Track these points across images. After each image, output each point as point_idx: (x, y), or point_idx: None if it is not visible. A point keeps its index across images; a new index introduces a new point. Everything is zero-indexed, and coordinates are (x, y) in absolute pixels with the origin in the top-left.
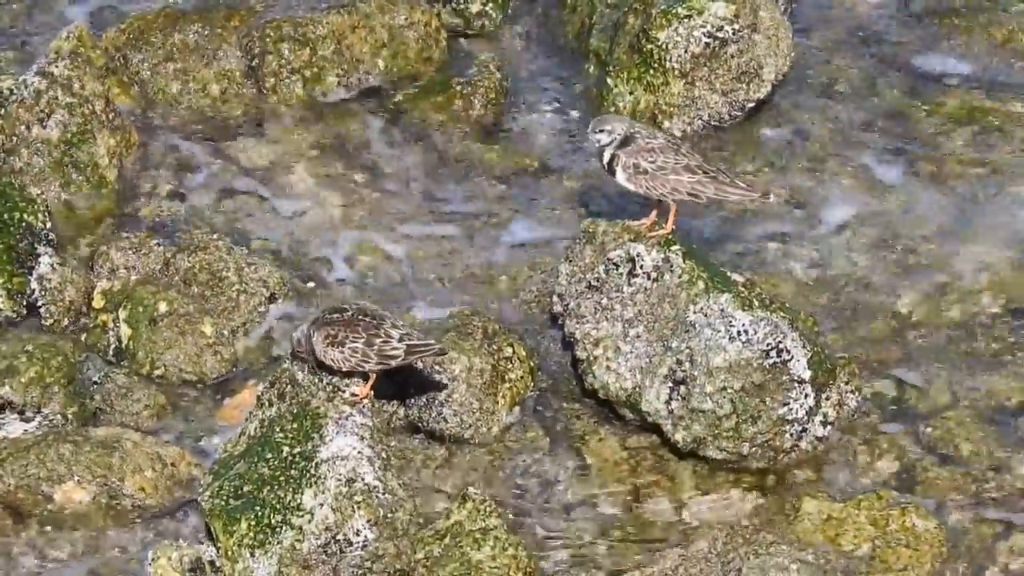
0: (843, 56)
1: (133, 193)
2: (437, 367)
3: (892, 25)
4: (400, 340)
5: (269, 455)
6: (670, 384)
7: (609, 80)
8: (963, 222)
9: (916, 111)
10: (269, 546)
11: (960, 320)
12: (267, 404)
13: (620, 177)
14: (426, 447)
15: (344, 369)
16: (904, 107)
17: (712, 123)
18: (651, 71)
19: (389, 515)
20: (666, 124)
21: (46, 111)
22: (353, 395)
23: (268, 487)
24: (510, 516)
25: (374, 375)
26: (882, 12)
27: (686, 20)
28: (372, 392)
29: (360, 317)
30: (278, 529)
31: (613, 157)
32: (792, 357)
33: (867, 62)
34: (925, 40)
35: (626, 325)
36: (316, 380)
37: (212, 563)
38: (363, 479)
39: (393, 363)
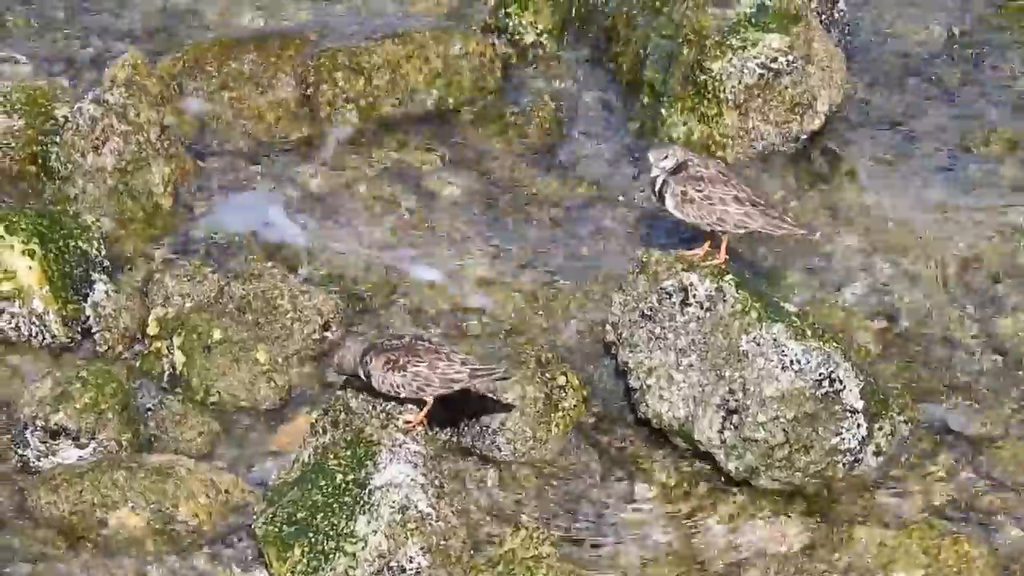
0: (896, 87)
1: (188, 221)
2: (491, 395)
3: (943, 56)
4: (463, 364)
5: (323, 482)
6: (723, 413)
7: (663, 110)
8: (1017, 251)
9: (968, 142)
10: (322, 573)
11: (1013, 348)
12: (321, 431)
13: (669, 204)
14: (479, 472)
15: (402, 395)
16: (957, 138)
17: (766, 154)
18: (705, 102)
19: (442, 542)
20: (719, 155)
21: (101, 139)
22: (407, 422)
23: (321, 514)
24: (562, 542)
25: (430, 402)
26: (933, 44)
27: (740, 51)
28: (426, 420)
29: (418, 343)
30: (331, 556)
31: (663, 184)
32: (844, 387)
33: (920, 93)
34: (976, 70)
35: (679, 354)
36: (370, 407)
37: None
38: (416, 506)
39: (456, 387)
